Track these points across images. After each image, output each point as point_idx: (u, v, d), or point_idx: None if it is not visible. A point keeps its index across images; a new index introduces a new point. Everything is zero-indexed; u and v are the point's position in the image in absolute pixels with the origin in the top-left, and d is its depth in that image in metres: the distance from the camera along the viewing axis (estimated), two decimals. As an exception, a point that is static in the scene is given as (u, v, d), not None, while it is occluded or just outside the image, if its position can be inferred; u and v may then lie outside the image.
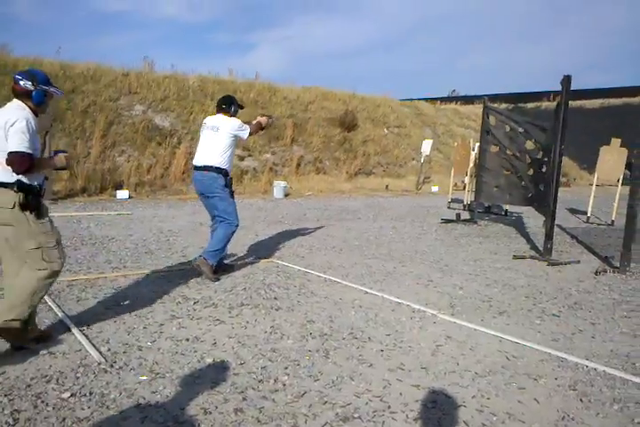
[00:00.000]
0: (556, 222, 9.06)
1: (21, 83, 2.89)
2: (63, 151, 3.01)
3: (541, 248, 6.30)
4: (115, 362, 2.88)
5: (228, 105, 4.78)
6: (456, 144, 11.55)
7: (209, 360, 2.94)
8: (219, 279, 4.67)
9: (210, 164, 4.64)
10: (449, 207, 10.96)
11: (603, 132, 19.77)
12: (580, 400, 2.65)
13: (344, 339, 3.39)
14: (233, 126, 4.68)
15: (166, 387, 2.61)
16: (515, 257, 6.17)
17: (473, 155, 10.26)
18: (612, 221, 9.36)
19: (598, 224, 9.51)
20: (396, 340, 3.41)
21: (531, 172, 6.86)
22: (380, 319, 3.82)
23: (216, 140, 4.66)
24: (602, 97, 26.86)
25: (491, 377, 2.89)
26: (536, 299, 4.50)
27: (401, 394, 2.65)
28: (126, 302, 3.96)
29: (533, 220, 9.24)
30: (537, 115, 25.79)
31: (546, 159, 6.27)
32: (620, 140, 10.24)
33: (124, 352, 3.02)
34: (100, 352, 2.98)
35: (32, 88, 2.89)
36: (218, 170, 4.62)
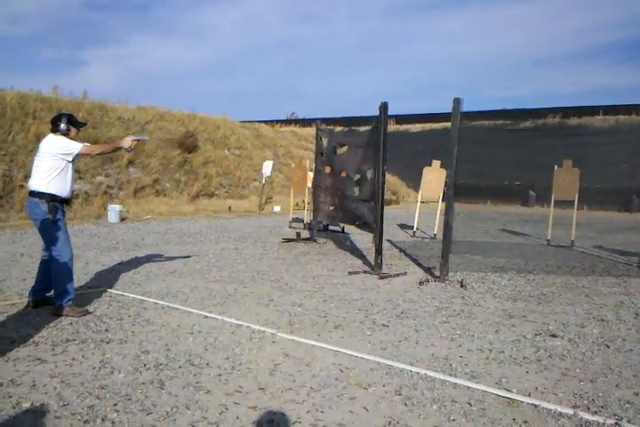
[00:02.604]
0: (387, 237, 9.76)
1: None
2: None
3: (374, 263, 6.71)
4: None
5: (54, 123, 4.44)
6: (293, 165, 11.93)
7: (26, 405, 2.67)
8: (88, 312, 4.42)
9: (32, 188, 4.32)
10: (290, 227, 11.25)
11: (426, 153, 21.79)
12: (405, 404, 2.85)
13: (180, 367, 3.29)
14: (55, 145, 4.31)
15: (-28, 442, 2.32)
16: (350, 273, 6.50)
17: (310, 175, 10.67)
18: (435, 235, 10.31)
19: (423, 238, 10.40)
20: (234, 363, 3.39)
21: (357, 192, 7.31)
22: (219, 343, 3.77)
23: (39, 161, 4.33)
24: (424, 122, 29.73)
25: (325, 390, 3.00)
26: (368, 311, 4.77)
27: (238, 418, 2.64)
28: None
29: (367, 236, 9.80)
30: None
31: (370, 180, 6.72)
32: (440, 161, 11.34)
33: None
34: None
35: None
36: (39, 195, 4.26)
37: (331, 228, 10.79)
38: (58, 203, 4.32)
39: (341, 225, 10.63)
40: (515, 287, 5.90)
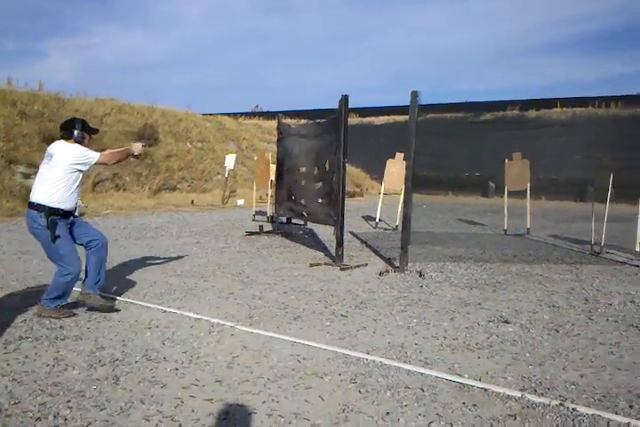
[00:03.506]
0: (350, 229, 9.84)
1: None
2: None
3: (335, 255, 6.77)
4: None
5: (68, 130, 4.06)
6: (255, 158, 11.88)
7: (-16, 405, 2.62)
8: (73, 314, 4.21)
9: (33, 200, 3.99)
10: (253, 220, 11.20)
11: (390, 146, 21.98)
12: (359, 392, 2.91)
13: (136, 362, 3.27)
14: (71, 154, 3.96)
15: None
16: (311, 265, 6.54)
17: (273, 168, 10.64)
18: (397, 226, 10.43)
19: (385, 229, 10.53)
20: (192, 356, 3.39)
21: (318, 185, 7.34)
22: (176, 337, 3.76)
23: (48, 171, 3.98)
24: (387, 114, 29.94)
25: (282, 381, 3.03)
26: (327, 302, 4.82)
27: (193, 410, 2.65)
28: None
29: (330, 229, 9.84)
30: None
31: (327, 173, 6.76)
32: (403, 153, 11.45)
33: None
34: None
35: None
36: (39, 207, 3.94)
37: (294, 221, 10.80)
38: (59, 216, 4.00)
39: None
40: (471, 276, 6.05)
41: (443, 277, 5.94)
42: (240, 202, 15.49)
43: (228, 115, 23.53)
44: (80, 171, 4.05)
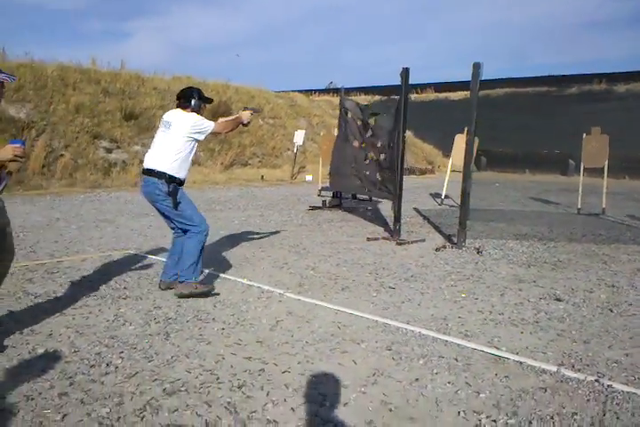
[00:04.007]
0: (415, 206, 9.79)
1: None
2: (19, 141, 2.68)
3: (392, 229, 6.77)
4: None
5: (186, 99, 4.02)
6: (322, 134, 11.94)
7: (41, 351, 2.92)
8: (213, 290, 4.11)
9: (153, 167, 3.93)
10: (319, 195, 11.35)
11: (466, 121, 21.42)
12: (393, 358, 2.97)
13: (187, 322, 3.50)
14: (188, 123, 3.91)
15: (-10, 380, 2.57)
16: (368, 239, 6.59)
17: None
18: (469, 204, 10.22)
19: (451, 206, 10.35)
20: (239, 319, 3.58)
21: (378, 160, 7.30)
22: (227, 301, 3.96)
23: (166, 139, 3.95)
24: (465, 89, 28.98)
25: (319, 344, 3.15)
26: (378, 274, 4.88)
27: (232, 366, 2.82)
28: (-41, 301, 3.77)
29: (386, 205, 9.84)
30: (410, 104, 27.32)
31: (389, 148, 6.71)
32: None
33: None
34: None
35: None
36: (160, 175, 3.89)
37: (359, 196, 10.85)
38: (177, 185, 3.98)
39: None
40: (532, 254, 5.89)
41: (501, 255, 5.83)
42: (309, 178, 15.68)
43: (300, 91, 23.63)
44: (196, 140, 4.00)
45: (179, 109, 4.05)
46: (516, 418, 2.33)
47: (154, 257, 5.33)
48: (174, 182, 3.95)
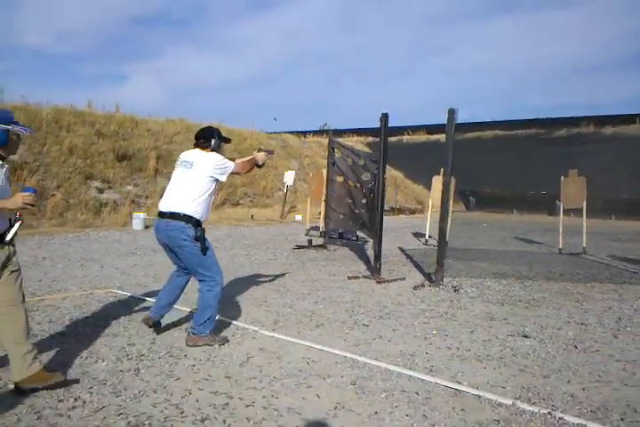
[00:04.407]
0: (399, 245, 9.94)
1: None
2: (30, 189, 2.83)
3: (373, 268, 6.90)
4: None
5: (206, 138, 3.89)
6: (310, 175, 12.21)
7: (11, 386, 2.99)
8: (227, 340, 3.96)
9: (176, 210, 3.71)
10: (307, 235, 11.51)
11: (453, 163, 21.92)
12: (356, 393, 3.06)
13: (160, 358, 3.58)
14: (211, 162, 3.77)
15: (-41, 414, 2.64)
16: (349, 277, 6.71)
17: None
18: (446, 243, 10.38)
19: (434, 246, 10.48)
20: (210, 355, 3.66)
21: (364, 200, 7.53)
22: (202, 338, 4.04)
23: (189, 180, 3.76)
24: (456, 131, 29.67)
25: (286, 380, 3.23)
26: (354, 312, 4.98)
27: (197, 400, 2.90)
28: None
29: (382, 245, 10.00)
30: (398, 147, 28.03)
31: (371, 189, 6.94)
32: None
33: None
34: None
35: None
36: (187, 218, 3.69)
37: (345, 236, 11.00)
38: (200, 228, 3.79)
39: (357, 233, 10.85)
40: (507, 292, 6.01)
41: (477, 293, 5.95)
42: (298, 217, 15.88)
43: (292, 133, 24.18)
44: (217, 181, 3.85)
45: (197, 149, 3.91)
46: (466, 449, 2.41)
47: (135, 295, 5.41)
48: (200, 226, 3.78)
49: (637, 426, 2.69)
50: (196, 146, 3.95)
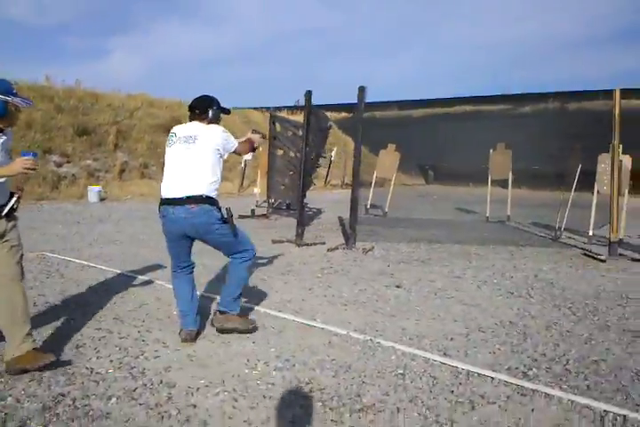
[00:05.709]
0: (340, 214, 10.50)
1: None
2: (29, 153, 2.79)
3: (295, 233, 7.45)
4: None
5: (202, 109, 3.44)
6: (260, 149, 12.65)
7: None
8: (255, 327, 3.58)
9: (195, 193, 3.23)
10: (257, 206, 12.01)
11: (422, 137, 22.52)
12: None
13: (56, 306, 4.10)
14: (218, 135, 3.35)
15: None
16: (273, 241, 7.26)
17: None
18: (386, 213, 11.02)
19: (375, 215, 11.11)
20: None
21: (292, 171, 8.06)
22: (104, 286, 4.57)
23: (197, 156, 3.27)
24: (425, 106, 30.19)
25: (166, 320, 3.78)
26: (261, 270, 5.49)
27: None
28: None
29: (332, 214, 10.65)
30: (371, 121, 28.39)
31: (298, 160, 7.46)
32: (395, 145, 12.08)
33: None
34: None
35: None
36: (210, 200, 3.27)
37: (293, 207, 11.53)
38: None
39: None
40: (411, 254, 6.62)
41: (383, 254, 6.55)
42: (256, 190, 16.33)
43: (258, 108, 24.44)
44: (221, 156, 3.41)
45: (195, 122, 3.43)
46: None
47: (63, 257, 5.89)
48: (219, 206, 3.35)
49: (440, 348, 3.29)
50: (192, 118, 3.46)
